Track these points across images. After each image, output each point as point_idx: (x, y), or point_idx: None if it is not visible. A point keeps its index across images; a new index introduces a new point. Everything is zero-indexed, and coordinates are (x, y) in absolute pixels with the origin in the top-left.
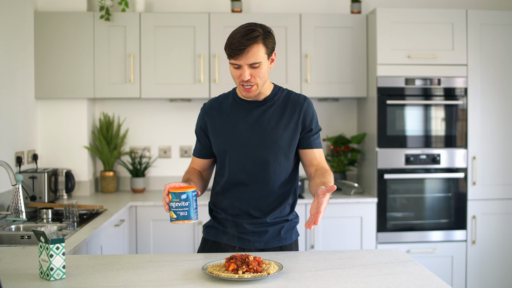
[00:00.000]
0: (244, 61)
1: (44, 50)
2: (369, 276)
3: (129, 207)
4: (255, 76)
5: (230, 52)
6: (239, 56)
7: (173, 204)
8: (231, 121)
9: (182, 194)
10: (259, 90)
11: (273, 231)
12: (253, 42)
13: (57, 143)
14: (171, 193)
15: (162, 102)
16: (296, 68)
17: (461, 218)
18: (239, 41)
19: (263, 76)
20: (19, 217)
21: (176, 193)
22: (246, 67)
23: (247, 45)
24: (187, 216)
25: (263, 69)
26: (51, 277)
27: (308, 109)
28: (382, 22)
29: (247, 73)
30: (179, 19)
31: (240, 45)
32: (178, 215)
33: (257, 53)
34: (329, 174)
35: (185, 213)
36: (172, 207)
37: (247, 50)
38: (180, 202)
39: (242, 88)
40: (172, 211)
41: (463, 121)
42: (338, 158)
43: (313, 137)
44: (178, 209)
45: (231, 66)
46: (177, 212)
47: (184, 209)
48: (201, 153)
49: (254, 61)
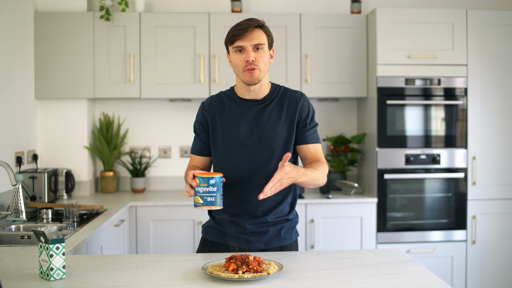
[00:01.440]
0: (249, 41)
1: (44, 50)
2: (369, 276)
3: (129, 207)
4: (258, 59)
5: (234, 33)
6: (243, 36)
7: (201, 189)
8: (230, 120)
9: (211, 179)
10: (262, 76)
11: (273, 231)
12: (256, 25)
13: (57, 143)
14: (198, 178)
15: (162, 102)
16: (296, 68)
17: (461, 218)
18: (242, 23)
19: (266, 63)
20: (19, 217)
21: (205, 177)
22: (251, 48)
23: (250, 25)
24: (213, 202)
25: (265, 55)
26: (51, 277)
27: (304, 105)
28: (382, 22)
29: (252, 54)
30: (179, 19)
31: (244, 26)
32: (205, 201)
33: (260, 36)
34: (320, 164)
35: (212, 198)
36: (199, 192)
37: (251, 30)
38: (208, 187)
39: (247, 72)
40: (199, 196)
41: (463, 121)
42: (338, 158)
43: (308, 132)
44: (205, 194)
45: (234, 53)
46: (204, 197)
47: (211, 194)
48: (202, 150)
49: (258, 42)
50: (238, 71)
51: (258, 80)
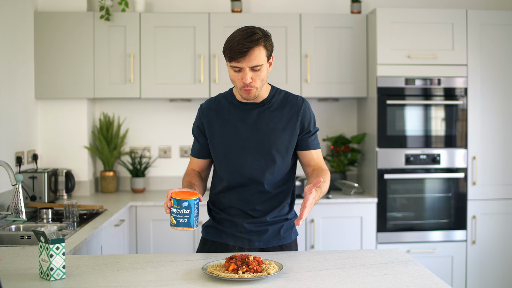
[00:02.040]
0: (247, 63)
1: (44, 50)
2: (369, 276)
3: (129, 207)
4: (255, 79)
5: (231, 55)
6: (242, 58)
7: (174, 210)
8: (229, 123)
9: (184, 202)
10: (258, 92)
11: (272, 230)
12: (255, 45)
13: (57, 143)
14: (173, 199)
15: (162, 102)
16: (296, 68)
17: (461, 218)
18: (241, 43)
19: (263, 79)
20: (19, 217)
21: (179, 200)
22: (248, 70)
23: (249, 48)
24: (187, 224)
25: (263, 72)
26: (51, 277)
27: (306, 111)
28: (382, 22)
29: (249, 76)
30: (179, 19)
31: (242, 47)
32: (178, 222)
33: (259, 56)
34: (325, 173)
35: (185, 220)
36: (173, 213)
37: (249, 52)
38: (181, 209)
39: (243, 90)
40: (173, 216)
41: (463, 121)
42: (338, 158)
43: (311, 138)
44: (179, 216)
45: (231, 69)
46: (177, 219)
47: (184, 216)
48: (200, 153)
49: (256, 63)
50: (236, 86)
51: (254, 97)
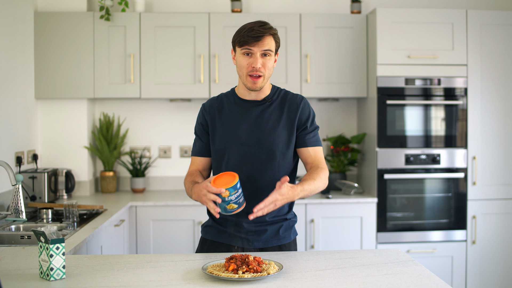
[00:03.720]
0: (259, 48)
1: (44, 50)
2: (369, 276)
3: (129, 207)
4: (264, 66)
5: (245, 39)
6: (255, 43)
7: (233, 196)
8: (231, 121)
9: (237, 184)
10: (265, 83)
11: (272, 230)
12: (268, 32)
13: (57, 143)
14: (228, 189)
15: (162, 102)
16: (296, 68)
17: (461, 218)
18: (256, 29)
19: (270, 69)
20: (19, 217)
21: (233, 186)
22: (259, 55)
23: (263, 33)
24: (243, 200)
25: (271, 61)
26: (51, 277)
27: (305, 108)
28: (382, 22)
29: (260, 61)
30: (179, 19)
31: (257, 33)
32: (239, 203)
33: (270, 43)
34: (319, 172)
35: (241, 198)
36: (232, 200)
37: (263, 38)
38: (238, 191)
39: (250, 78)
40: (232, 203)
41: (463, 121)
42: (338, 158)
43: (309, 135)
44: (238, 198)
45: (242, 55)
46: (237, 202)
47: (240, 195)
48: (203, 151)
49: (268, 48)
50: (242, 73)
51: (260, 87)
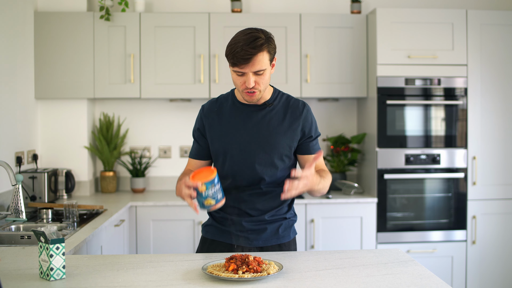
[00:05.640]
0: (249, 69)
1: (44, 50)
2: (369, 276)
3: (129, 207)
4: (258, 83)
5: (234, 61)
6: (245, 65)
7: (210, 192)
8: (230, 125)
9: (214, 179)
10: (261, 94)
11: (271, 229)
12: (258, 51)
13: (57, 143)
14: (205, 184)
15: (162, 102)
16: (296, 68)
17: (461, 218)
18: (244, 49)
19: (266, 82)
20: (19, 217)
21: (211, 180)
22: (251, 75)
23: (252, 54)
24: (222, 196)
25: (266, 76)
26: (51, 277)
27: (308, 116)
28: (382, 22)
29: (252, 80)
30: (179, 19)
31: (246, 54)
32: (217, 199)
33: (262, 61)
34: (326, 173)
35: (220, 194)
36: (209, 195)
37: (253, 58)
38: (215, 186)
39: (246, 93)
40: (209, 198)
41: (463, 121)
42: (338, 158)
43: (312, 143)
44: (215, 194)
45: (234, 73)
46: (215, 197)
47: (218, 190)
48: (199, 154)
49: (259, 68)
50: (238, 89)
51: (257, 99)
